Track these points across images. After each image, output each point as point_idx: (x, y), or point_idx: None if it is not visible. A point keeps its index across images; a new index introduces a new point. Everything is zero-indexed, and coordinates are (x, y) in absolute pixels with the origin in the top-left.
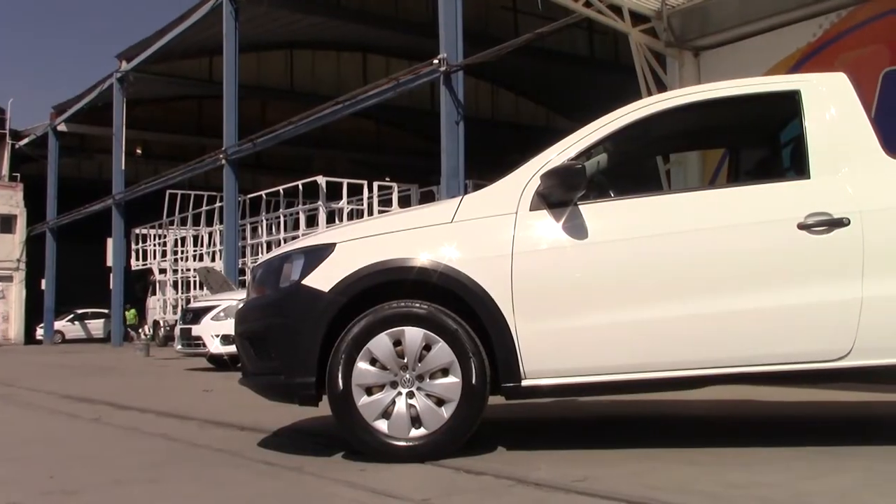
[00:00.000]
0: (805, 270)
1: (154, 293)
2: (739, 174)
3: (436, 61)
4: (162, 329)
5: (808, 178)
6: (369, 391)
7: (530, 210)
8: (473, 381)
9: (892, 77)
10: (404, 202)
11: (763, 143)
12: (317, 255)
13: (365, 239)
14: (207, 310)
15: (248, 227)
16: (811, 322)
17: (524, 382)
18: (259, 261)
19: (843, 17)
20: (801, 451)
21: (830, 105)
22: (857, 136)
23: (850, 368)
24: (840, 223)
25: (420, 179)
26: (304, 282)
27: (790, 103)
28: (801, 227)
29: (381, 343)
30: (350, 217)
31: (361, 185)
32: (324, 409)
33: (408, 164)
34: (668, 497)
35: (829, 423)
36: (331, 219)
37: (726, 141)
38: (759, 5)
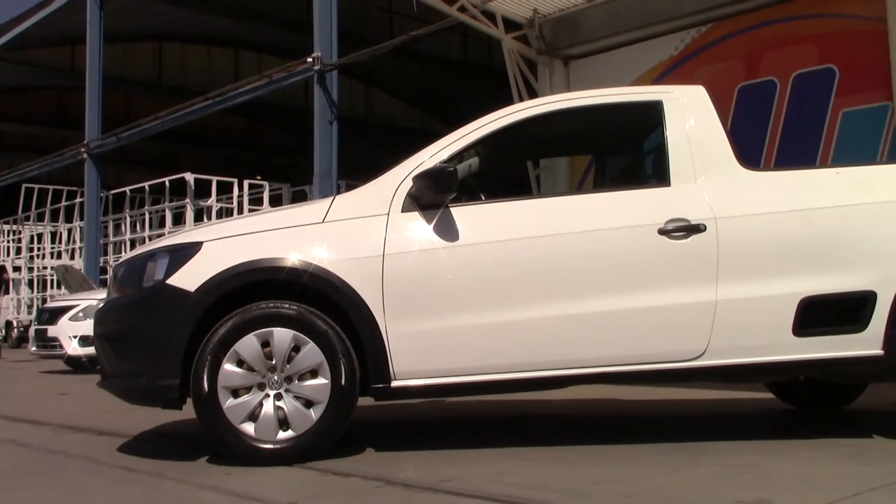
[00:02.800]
0: (664, 274)
1: (7, 292)
2: (605, 180)
3: (310, 60)
4: (15, 330)
5: (669, 185)
6: (236, 393)
7: (402, 211)
8: (343, 383)
9: (747, 91)
10: (275, 201)
11: (627, 151)
12: (182, 253)
13: (233, 238)
14: (65, 310)
15: (111, 224)
16: (669, 323)
17: (394, 383)
18: (121, 259)
19: (702, 33)
20: (658, 447)
21: (690, 116)
22: (714, 146)
23: (704, 368)
24: (697, 229)
25: (292, 178)
26: (168, 281)
27: (653, 113)
28: (662, 232)
29: (248, 344)
30: (219, 216)
31: (231, 183)
32: (188, 412)
33: (280, 162)
34: (531, 494)
35: (686, 420)
36: (199, 217)
37: (593, 148)
38: (626, 18)
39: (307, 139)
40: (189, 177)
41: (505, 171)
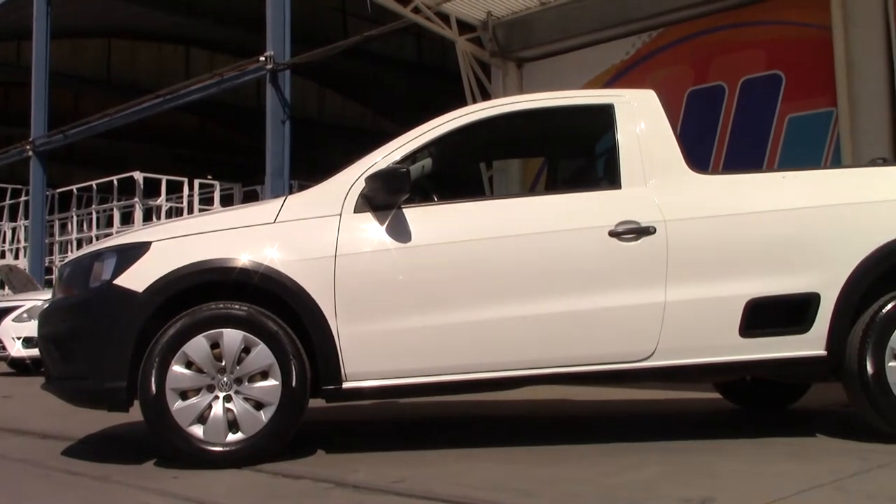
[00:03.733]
0: (614, 276)
1: None
2: (557, 182)
3: (262, 59)
4: None
5: (620, 188)
6: (184, 395)
7: (354, 212)
8: (294, 384)
9: (696, 96)
10: (227, 201)
11: (579, 154)
12: (130, 253)
13: (183, 238)
14: (8, 310)
15: (57, 224)
16: (619, 325)
17: (345, 385)
18: (68, 259)
19: (653, 38)
20: (609, 447)
21: (641, 120)
22: (664, 149)
23: (653, 368)
24: (647, 231)
25: (244, 178)
26: (116, 282)
27: (604, 116)
28: (612, 234)
29: (197, 345)
30: (169, 215)
31: (181, 183)
32: (135, 414)
33: (232, 162)
34: (483, 495)
35: (635, 419)
36: (148, 217)
37: (545, 150)
38: (578, 22)
39: (259, 138)
40: (138, 175)
41: (458, 173)
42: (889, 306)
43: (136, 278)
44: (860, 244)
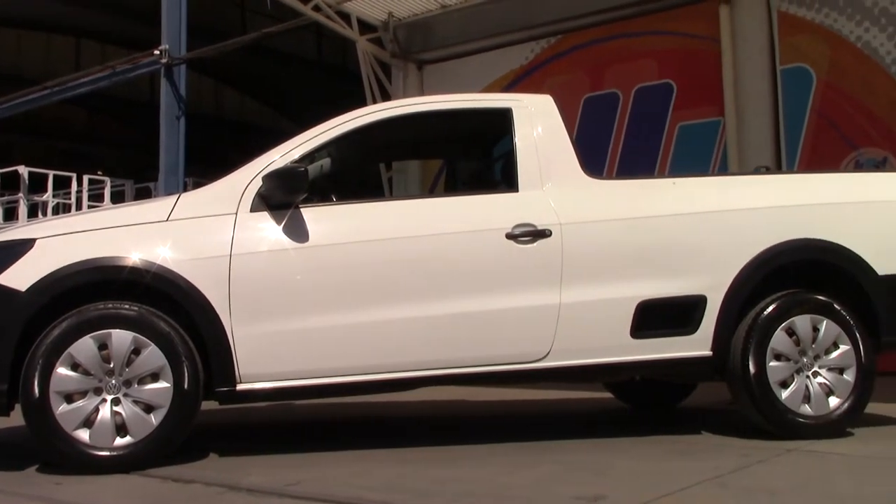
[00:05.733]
0: (511, 278)
1: None
2: (456, 184)
3: (157, 52)
4: None
5: (517, 191)
6: (69, 398)
7: (251, 211)
8: (186, 386)
9: (592, 102)
10: (118, 198)
11: (478, 156)
12: (12, 251)
13: (70, 235)
14: None
15: None
16: (515, 326)
17: (239, 387)
18: None
19: (552, 44)
20: (503, 446)
21: (538, 124)
22: (561, 154)
23: (548, 369)
24: (543, 234)
25: (136, 175)
26: None
27: (502, 120)
28: (509, 236)
29: (84, 347)
30: (56, 212)
31: (70, 178)
32: (16, 418)
33: (124, 157)
34: (377, 496)
35: (530, 419)
36: (33, 213)
37: (445, 152)
38: (478, 26)
39: (153, 134)
40: (23, 170)
41: (357, 173)
42: (770, 309)
43: (19, 277)
44: (744, 249)
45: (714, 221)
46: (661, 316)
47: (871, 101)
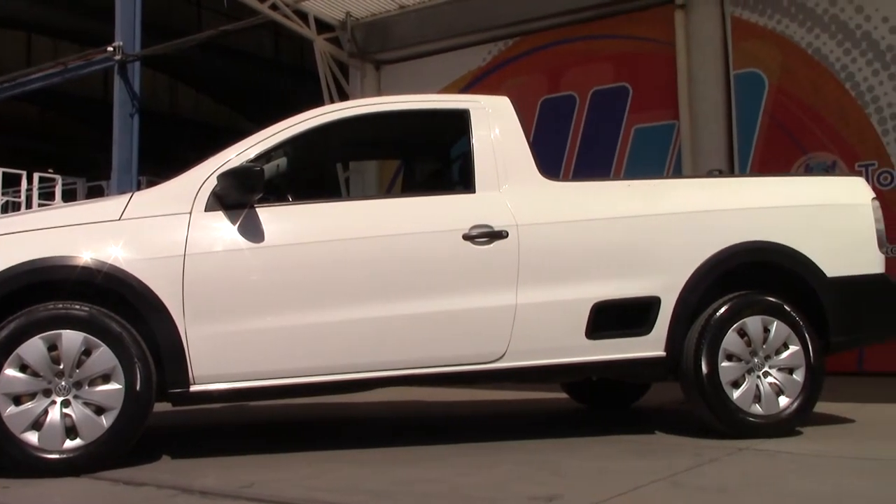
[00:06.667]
0: (468, 279)
1: None
2: (413, 185)
3: (111, 49)
4: None
5: (474, 192)
6: (17, 400)
7: (205, 210)
8: (138, 388)
9: (549, 104)
10: (69, 196)
11: (435, 157)
12: None
13: (19, 234)
14: None
15: None
16: (472, 327)
17: (193, 388)
18: None
19: (509, 46)
20: (461, 447)
21: (495, 125)
22: (517, 155)
23: (504, 369)
24: (499, 235)
25: (88, 173)
26: None
27: (460, 121)
28: (466, 237)
29: (33, 348)
30: (5, 210)
31: (20, 176)
32: None
33: (76, 155)
34: (334, 498)
35: (488, 420)
36: None
37: (402, 153)
38: (436, 27)
39: (106, 132)
40: None
41: (314, 173)
42: (722, 310)
43: None
44: (697, 251)
45: (668, 223)
46: (615, 317)
47: (820, 106)
